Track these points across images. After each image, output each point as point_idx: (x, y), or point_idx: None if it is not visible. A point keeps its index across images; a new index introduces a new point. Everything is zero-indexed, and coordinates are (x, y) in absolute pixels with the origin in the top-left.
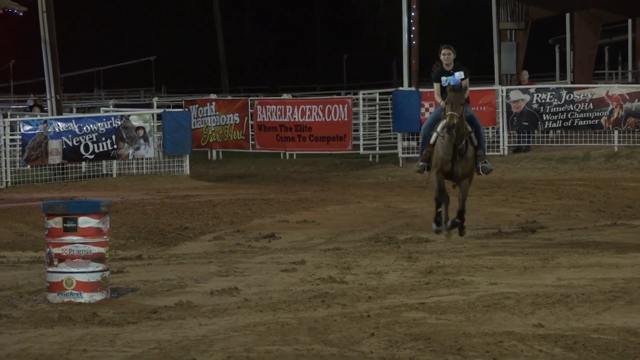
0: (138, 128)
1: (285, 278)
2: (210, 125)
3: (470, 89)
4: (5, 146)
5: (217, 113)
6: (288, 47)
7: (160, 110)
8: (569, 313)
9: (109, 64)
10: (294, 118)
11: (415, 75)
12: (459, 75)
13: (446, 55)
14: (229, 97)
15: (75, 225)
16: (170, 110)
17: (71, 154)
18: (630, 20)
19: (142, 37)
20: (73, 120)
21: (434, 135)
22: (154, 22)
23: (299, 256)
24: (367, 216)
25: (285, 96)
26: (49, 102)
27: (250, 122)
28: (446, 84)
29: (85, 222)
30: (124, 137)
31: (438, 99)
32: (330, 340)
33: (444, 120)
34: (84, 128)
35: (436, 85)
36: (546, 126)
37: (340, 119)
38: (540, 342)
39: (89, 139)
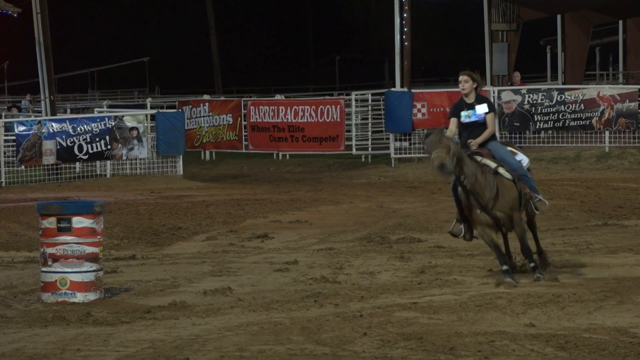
0: (132, 129)
1: (278, 278)
2: (203, 125)
3: None
4: None
5: (211, 114)
6: (281, 49)
7: (153, 111)
8: (561, 313)
9: (102, 64)
10: (287, 119)
11: (407, 76)
12: (482, 109)
13: (463, 83)
14: (222, 98)
15: (69, 225)
16: (164, 111)
17: (65, 155)
18: (620, 22)
19: (135, 38)
20: (67, 121)
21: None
22: (147, 23)
23: (291, 256)
24: (359, 216)
25: (278, 97)
26: (42, 102)
27: (243, 122)
28: (467, 120)
29: (79, 222)
30: (118, 137)
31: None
32: (323, 340)
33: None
34: (78, 129)
35: (453, 122)
36: (537, 127)
37: (332, 120)
38: (532, 342)
39: (83, 140)
